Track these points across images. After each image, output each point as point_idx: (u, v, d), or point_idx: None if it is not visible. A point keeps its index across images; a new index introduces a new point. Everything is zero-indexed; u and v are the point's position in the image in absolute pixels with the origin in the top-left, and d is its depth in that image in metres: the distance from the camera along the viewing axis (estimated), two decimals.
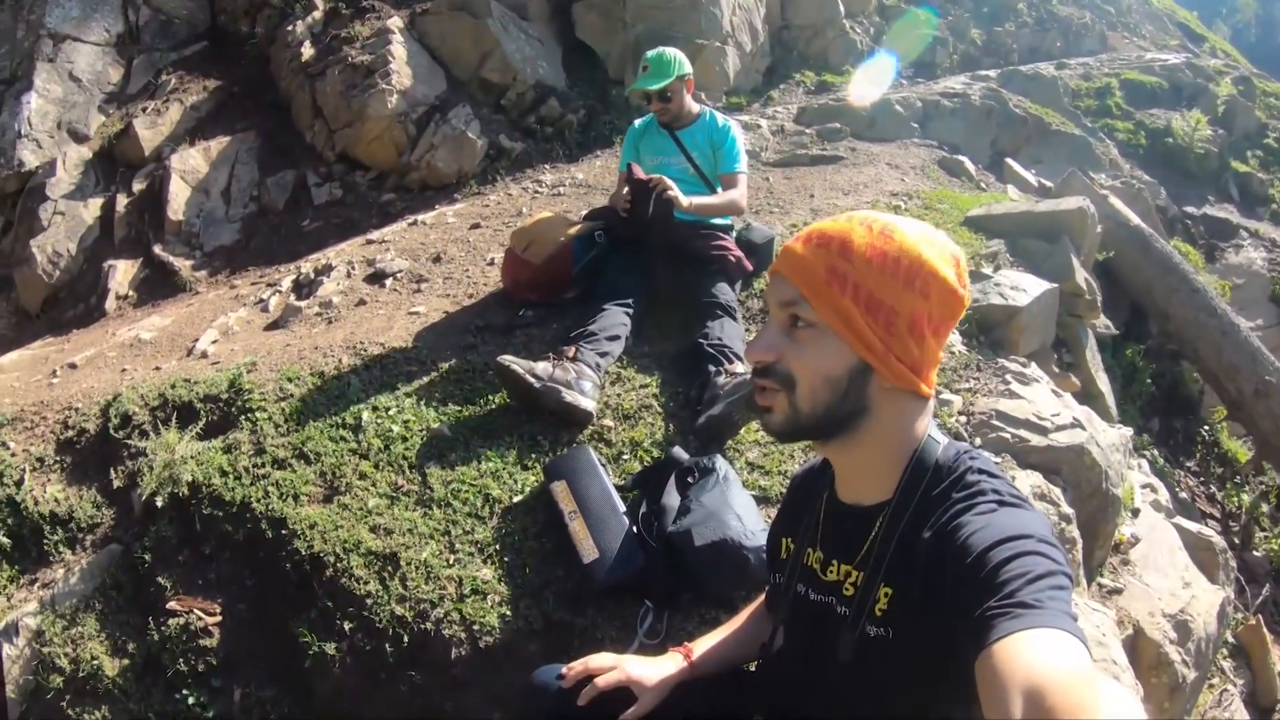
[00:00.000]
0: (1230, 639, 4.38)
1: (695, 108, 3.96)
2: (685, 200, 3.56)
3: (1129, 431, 4.14)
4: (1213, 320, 5.83)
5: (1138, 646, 3.22)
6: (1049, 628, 0.95)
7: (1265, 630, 4.61)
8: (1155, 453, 5.84)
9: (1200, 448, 6.58)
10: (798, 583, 1.43)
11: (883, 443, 1.29)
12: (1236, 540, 5.71)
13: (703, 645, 1.71)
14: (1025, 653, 0.92)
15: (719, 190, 3.89)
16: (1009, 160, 7.44)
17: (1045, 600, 0.99)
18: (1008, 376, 3.54)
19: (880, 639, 1.23)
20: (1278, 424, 5.66)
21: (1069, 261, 4.58)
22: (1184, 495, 5.77)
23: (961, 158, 6.87)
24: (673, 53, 3.84)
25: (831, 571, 1.36)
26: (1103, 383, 4.89)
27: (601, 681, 1.59)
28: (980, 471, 1.24)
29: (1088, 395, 4.61)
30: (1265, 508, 6.21)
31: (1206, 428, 6.72)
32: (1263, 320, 7.47)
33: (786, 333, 1.27)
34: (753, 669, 1.69)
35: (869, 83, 8.01)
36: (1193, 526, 4.24)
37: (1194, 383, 6.75)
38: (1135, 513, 3.89)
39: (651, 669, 1.63)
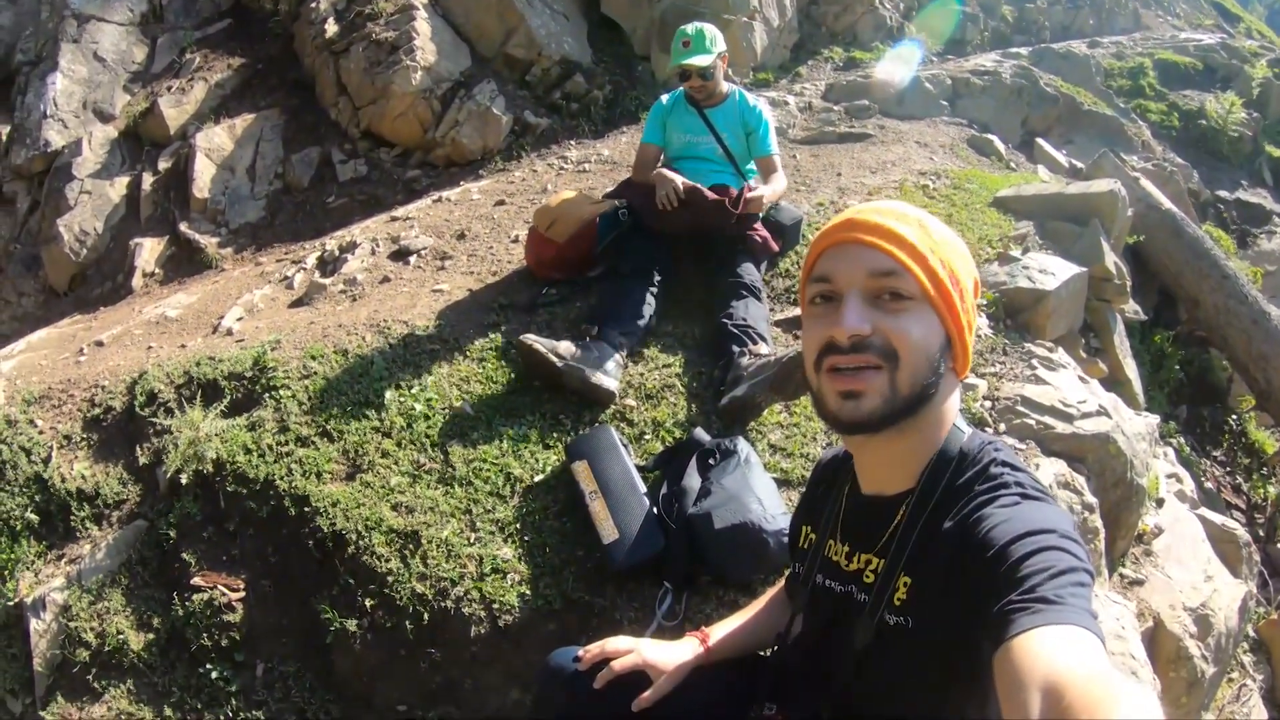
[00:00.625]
0: (1251, 634, 4.32)
1: (725, 86, 3.93)
2: (767, 199, 3.66)
3: (1155, 420, 4.08)
4: (1243, 308, 5.72)
5: (1157, 640, 3.19)
6: (1069, 625, 0.94)
7: None
8: (1181, 441, 5.76)
9: (1228, 437, 6.48)
10: (818, 573, 1.43)
11: (930, 429, 1.27)
12: (1261, 533, 5.63)
13: (720, 630, 1.71)
14: (1044, 649, 0.92)
15: (743, 169, 3.92)
16: (1039, 140, 7.33)
17: (1066, 597, 0.98)
18: (1034, 361, 3.50)
19: (899, 628, 1.23)
20: None
21: (1099, 245, 4.51)
22: (1209, 485, 5.68)
23: (991, 137, 6.76)
24: (712, 29, 3.82)
25: (854, 562, 1.35)
26: (1130, 369, 4.83)
27: (618, 664, 1.59)
28: (1004, 464, 1.24)
29: (1115, 381, 4.56)
30: None
31: (1234, 417, 6.61)
32: None
33: (876, 305, 1.22)
34: (768, 655, 1.69)
35: (895, 62, 7.88)
36: (1217, 518, 4.18)
37: (1223, 371, 6.64)
38: (1159, 503, 3.85)
39: (668, 653, 1.63)
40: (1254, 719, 3.92)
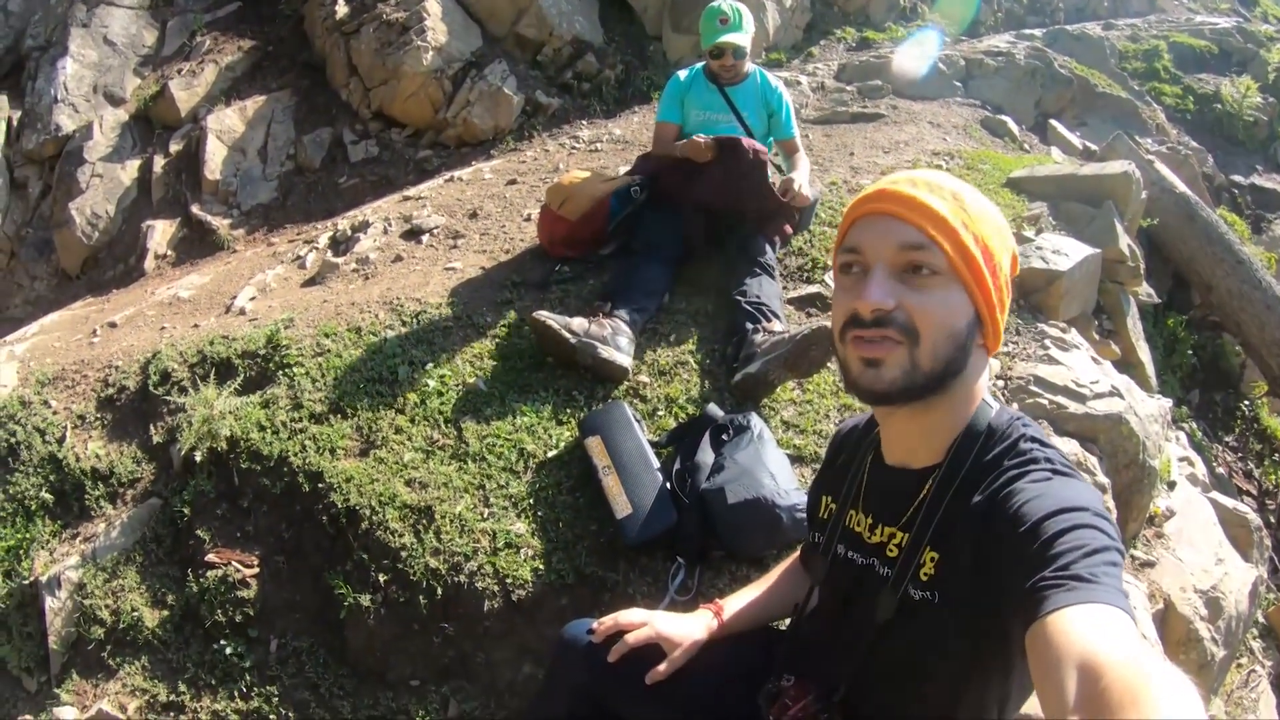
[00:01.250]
0: (1261, 619, 4.30)
1: (746, 66, 3.92)
2: (808, 192, 3.73)
3: (1168, 403, 4.06)
4: (1257, 293, 5.67)
5: (1168, 621, 3.18)
6: (1103, 604, 0.94)
7: None
8: (1194, 425, 5.73)
9: (1240, 423, 6.44)
10: (838, 543, 1.42)
11: (958, 404, 1.26)
12: (1273, 519, 5.60)
13: (734, 603, 1.70)
14: (1079, 628, 0.91)
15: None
16: (1053, 122, 7.26)
17: (1100, 575, 0.97)
18: (1047, 342, 3.48)
19: (924, 602, 1.22)
20: None
21: (1112, 227, 4.48)
22: (1221, 470, 5.65)
23: (1004, 118, 6.69)
24: (745, 8, 3.82)
25: (877, 535, 1.34)
26: (1143, 352, 4.79)
27: (632, 638, 1.59)
28: (1033, 439, 1.23)
29: (1127, 364, 4.53)
30: None
31: (1247, 403, 6.57)
32: None
33: (902, 279, 1.20)
34: (783, 627, 1.69)
35: (914, 47, 7.78)
36: (1229, 502, 4.16)
37: (1236, 356, 6.59)
38: (1171, 485, 3.82)
39: (682, 626, 1.63)
40: (1262, 705, 3.91)
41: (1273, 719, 3.80)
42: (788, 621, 1.63)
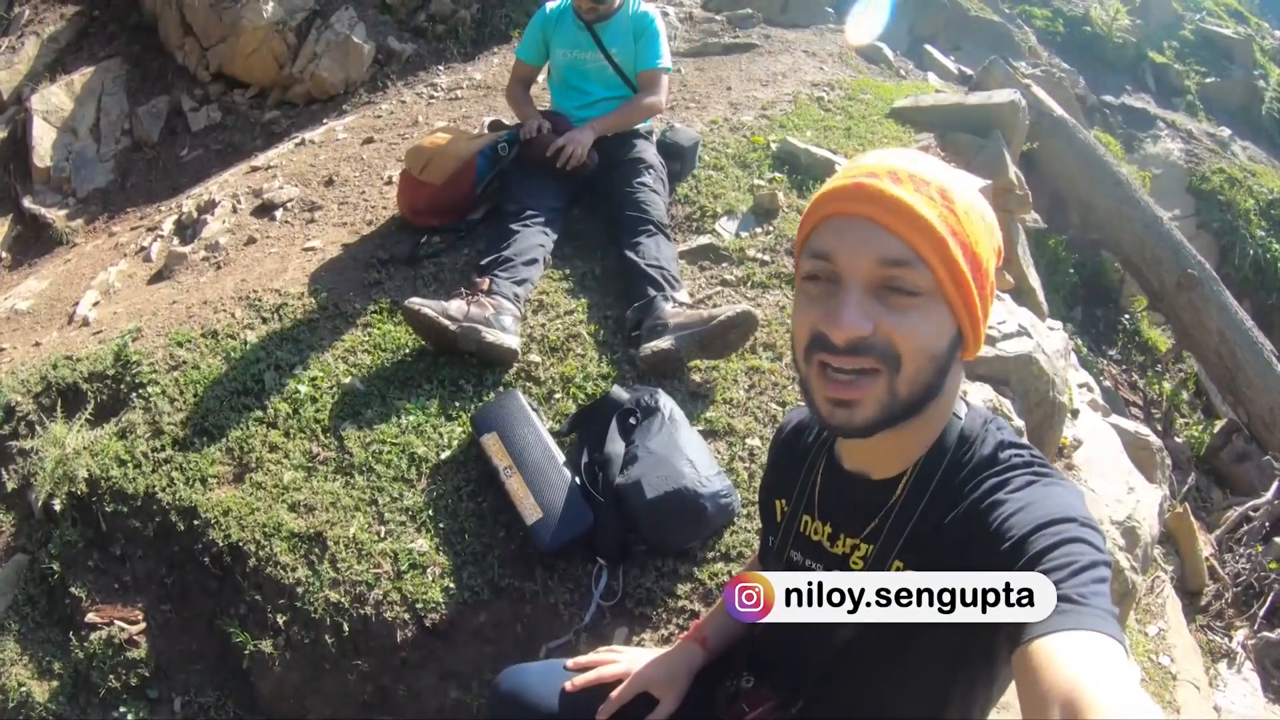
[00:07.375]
0: (1160, 528, 4.48)
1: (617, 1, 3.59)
2: (588, 141, 3.38)
3: (1065, 334, 4.11)
4: (1135, 212, 5.85)
5: None
6: (1091, 631, 0.87)
7: (1192, 518, 4.73)
8: (1080, 342, 5.91)
9: (1122, 336, 6.72)
10: (792, 549, 1.30)
11: (932, 421, 1.13)
12: (1159, 428, 5.87)
13: (712, 625, 1.58)
14: (1067, 660, 0.85)
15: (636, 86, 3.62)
16: (928, 47, 7.23)
17: (1089, 596, 0.90)
18: None
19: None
20: (1198, 315, 5.74)
21: (1001, 156, 4.46)
22: (1107, 384, 5.88)
23: (879, 44, 6.59)
24: None
25: (839, 545, 1.23)
26: (1033, 278, 4.86)
27: (616, 695, 1.47)
28: (1009, 444, 1.12)
29: (1020, 292, 4.57)
30: (1185, 395, 6.40)
31: (1127, 316, 6.84)
32: (1180, 211, 7.55)
33: (879, 298, 1.02)
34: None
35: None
36: (1130, 426, 4.28)
37: (1115, 273, 6.84)
38: (1075, 414, 3.89)
39: (666, 668, 1.51)
40: (1169, 608, 4.07)
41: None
42: None
